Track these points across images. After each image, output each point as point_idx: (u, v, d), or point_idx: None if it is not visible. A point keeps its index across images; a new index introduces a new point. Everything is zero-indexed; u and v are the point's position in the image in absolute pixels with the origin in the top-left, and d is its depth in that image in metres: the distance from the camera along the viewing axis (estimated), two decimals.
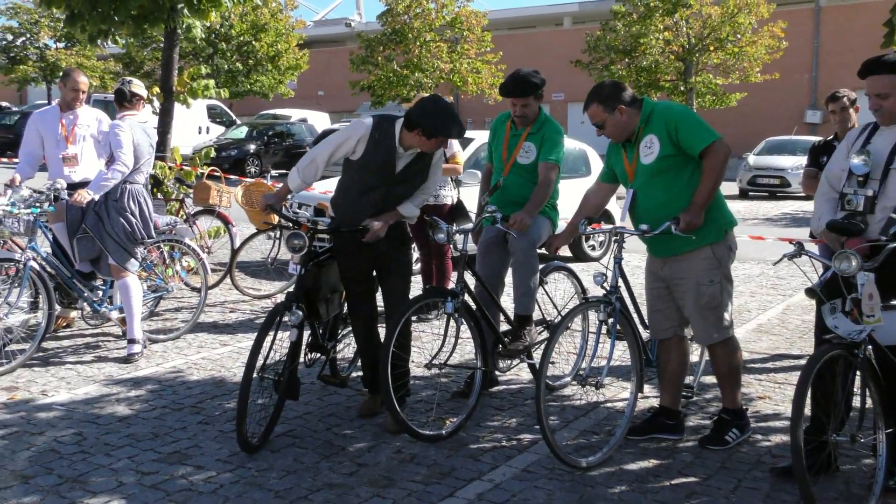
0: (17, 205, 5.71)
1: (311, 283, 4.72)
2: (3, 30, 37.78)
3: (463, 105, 39.01)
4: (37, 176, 6.54)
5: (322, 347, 4.96)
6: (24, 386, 5.45)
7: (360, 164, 4.75)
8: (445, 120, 4.60)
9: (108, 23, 8.95)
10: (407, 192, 4.82)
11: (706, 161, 4.37)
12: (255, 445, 4.45)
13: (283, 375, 4.58)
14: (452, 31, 29.36)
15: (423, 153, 4.75)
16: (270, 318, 4.57)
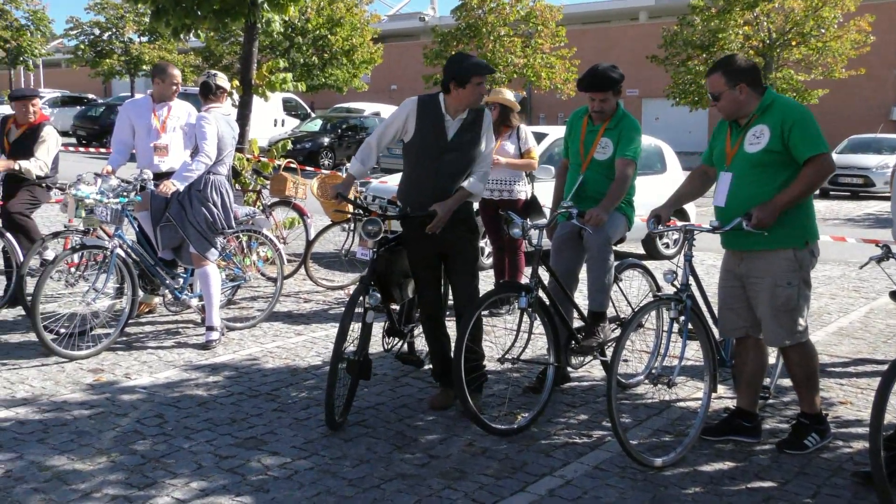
0: (106, 194, 5.91)
1: (382, 267, 4.88)
2: (91, 24, 38.97)
3: (535, 100, 38.85)
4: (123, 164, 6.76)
5: (399, 332, 5.15)
6: (108, 368, 5.63)
7: (414, 142, 4.92)
8: (465, 60, 4.85)
9: (191, 17, 9.16)
10: (464, 161, 4.90)
11: (806, 168, 4.23)
12: (339, 422, 4.67)
13: (357, 357, 4.74)
14: (526, 26, 29.24)
15: (472, 122, 4.88)
16: (351, 303, 4.72)
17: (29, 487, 3.84)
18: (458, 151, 4.89)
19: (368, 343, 4.81)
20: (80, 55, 40.60)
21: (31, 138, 6.95)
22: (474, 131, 4.92)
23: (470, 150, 4.93)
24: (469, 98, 4.85)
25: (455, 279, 5.04)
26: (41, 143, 6.92)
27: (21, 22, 43.88)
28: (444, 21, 36.96)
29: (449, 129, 4.87)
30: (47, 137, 6.98)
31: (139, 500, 3.77)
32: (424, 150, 4.91)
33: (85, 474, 4.00)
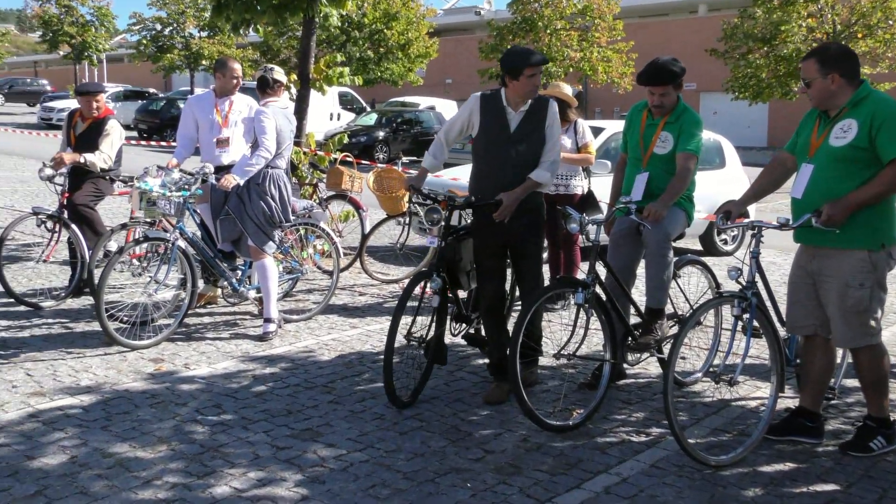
0: (169, 187, 6.01)
1: (451, 255, 5.06)
2: (153, 20, 39.70)
3: (592, 94, 38.52)
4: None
5: (466, 318, 5.30)
6: (168, 358, 5.73)
7: (479, 136, 5.11)
8: (517, 52, 5.01)
9: (250, 12, 9.26)
10: (528, 152, 5.00)
11: (888, 169, 4.10)
12: (405, 402, 4.90)
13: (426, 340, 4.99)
14: (583, 20, 28.99)
15: (534, 112, 5.00)
16: (410, 286, 4.93)
17: (93, 473, 3.93)
18: (521, 142, 5.01)
19: (444, 328, 5.05)
20: (142, 50, 41.40)
21: (96, 132, 7.11)
22: (537, 122, 5.03)
23: (534, 141, 5.02)
24: (524, 89, 4.95)
25: (519, 269, 5.16)
26: (105, 137, 7.07)
27: (86, 18, 44.99)
28: (500, 15, 36.82)
29: (511, 121, 5.01)
30: (111, 131, 7.13)
31: (198, 489, 3.83)
32: (489, 143, 5.07)
33: (146, 462, 4.08)
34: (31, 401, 4.83)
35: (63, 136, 7.42)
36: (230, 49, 38.98)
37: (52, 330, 6.27)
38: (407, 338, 5.03)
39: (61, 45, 45.82)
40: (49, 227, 7.04)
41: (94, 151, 6.98)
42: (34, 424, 4.49)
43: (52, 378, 5.23)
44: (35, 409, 4.70)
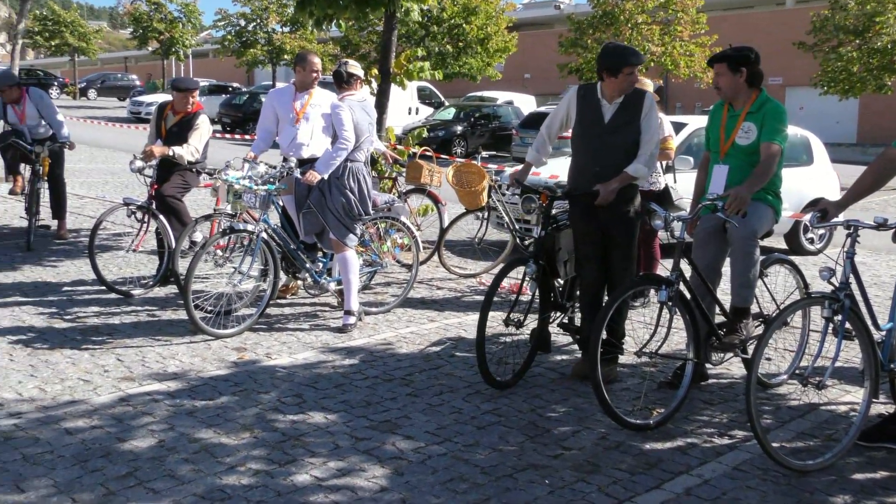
0: (255, 180, 6.14)
1: (549, 244, 5.22)
2: (238, 16, 40.53)
3: (672, 89, 37.85)
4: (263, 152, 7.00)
5: (561, 306, 5.40)
6: (251, 348, 5.85)
7: (576, 128, 5.27)
8: (617, 50, 5.11)
9: (333, 7, 9.37)
10: (622, 143, 5.10)
11: None
12: (502, 383, 5.10)
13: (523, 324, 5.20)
14: (665, 13, 28.48)
15: (629, 104, 5.10)
16: (502, 273, 5.09)
17: (180, 458, 4.04)
18: (616, 133, 5.12)
19: (548, 315, 5.24)
20: (227, 46, 42.29)
21: (187, 126, 7.30)
22: (632, 113, 5.12)
23: (628, 132, 5.12)
24: (621, 86, 5.11)
25: (612, 259, 5.23)
26: (195, 131, 7.26)
27: (174, 15, 46.22)
28: (580, 9, 36.41)
29: (606, 112, 5.15)
30: (201, 125, 7.32)
31: (280, 476, 3.89)
32: (584, 134, 5.22)
33: (230, 448, 4.17)
34: (122, 385, 4.99)
35: (152, 128, 7.62)
36: (311, 44, 39.52)
37: (141, 317, 6.46)
38: (505, 322, 5.20)
39: (150, 41, 47.17)
40: (139, 218, 7.25)
41: (183, 145, 7.16)
42: (124, 408, 4.63)
43: (141, 364, 5.39)
44: (125, 394, 4.85)
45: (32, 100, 9.01)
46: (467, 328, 6.51)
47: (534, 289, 5.19)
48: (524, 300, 5.36)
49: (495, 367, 5.21)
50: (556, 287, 5.38)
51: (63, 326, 6.14)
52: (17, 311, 6.48)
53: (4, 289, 7.14)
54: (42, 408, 4.59)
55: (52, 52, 55.75)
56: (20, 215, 10.08)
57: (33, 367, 5.25)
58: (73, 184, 12.12)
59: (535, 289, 5.19)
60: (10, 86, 8.96)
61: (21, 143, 8.86)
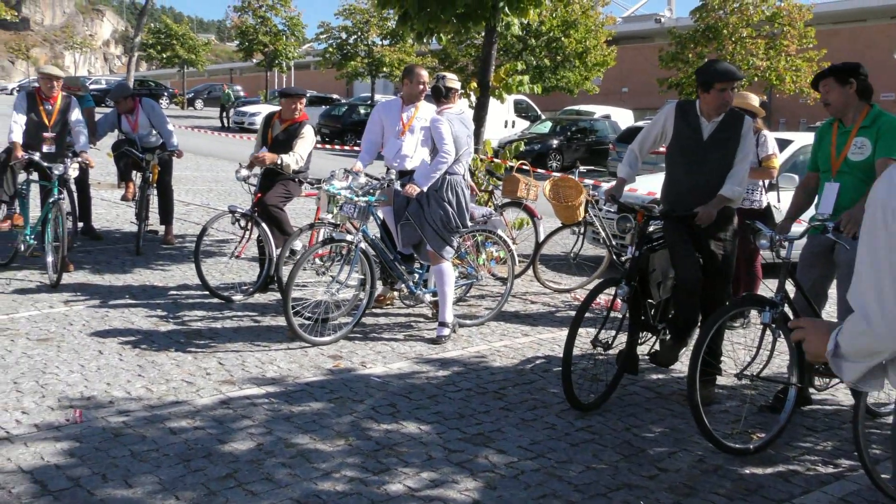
0: (356, 191, 6.25)
1: (643, 265, 5.13)
2: (339, 29, 41.40)
3: (776, 104, 36.82)
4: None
5: (653, 328, 5.30)
6: (346, 356, 5.94)
7: (672, 144, 5.22)
8: (711, 66, 5.09)
9: (434, 22, 9.46)
10: (719, 161, 5.03)
11: None
12: (586, 405, 4.98)
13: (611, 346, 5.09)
14: (771, 27, 27.74)
15: (728, 124, 5.04)
16: (594, 293, 5.05)
17: (277, 462, 4.13)
18: (713, 151, 5.05)
19: (636, 337, 5.14)
20: (328, 58, 43.21)
21: (293, 134, 7.47)
22: (730, 133, 5.03)
23: (725, 151, 5.04)
24: (713, 103, 5.01)
25: (710, 279, 5.09)
26: (301, 140, 7.42)
27: (279, 28, 47.51)
28: (682, 22, 35.86)
29: (704, 130, 5.08)
30: (306, 135, 7.49)
31: (374, 485, 3.94)
32: (682, 151, 5.16)
33: (325, 454, 4.24)
34: (223, 388, 5.14)
35: (259, 137, 7.82)
36: (410, 57, 40.04)
37: (242, 322, 6.64)
38: (593, 343, 5.11)
39: (255, 54, 48.59)
40: (242, 225, 7.45)
41: (289, 153, 7.34)
42: (225, 410, 4.77)
43: (241, 368, 5.54)
44: (226, 397, 4.99)
45: (144, 110, 9.39)
46: (561, 344, 6.42)
47: (625, 310, 5.11)
48: (614, 319, 5.28)
49: (581, 387, 5.12)
50: (648, 308, 5.28)
51: (169, 329, 6.36)
52: (126, 312, 6.75)
53: (115, 291, 7.45)
54: (148, 407, 4.77)
55: (164, 63, 57.96)
56: (130, 220, 10.50)
57: (141, 367, 5.45)
58: (179, 191, 12.55)
59: (627, 310, 5.12)
60: (125, 97, 9.36)
61: (133, 151, 9.24)
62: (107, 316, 6.61)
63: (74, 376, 5.21)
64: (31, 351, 5.66)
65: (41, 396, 4.84)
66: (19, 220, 7.91)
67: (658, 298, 5.24)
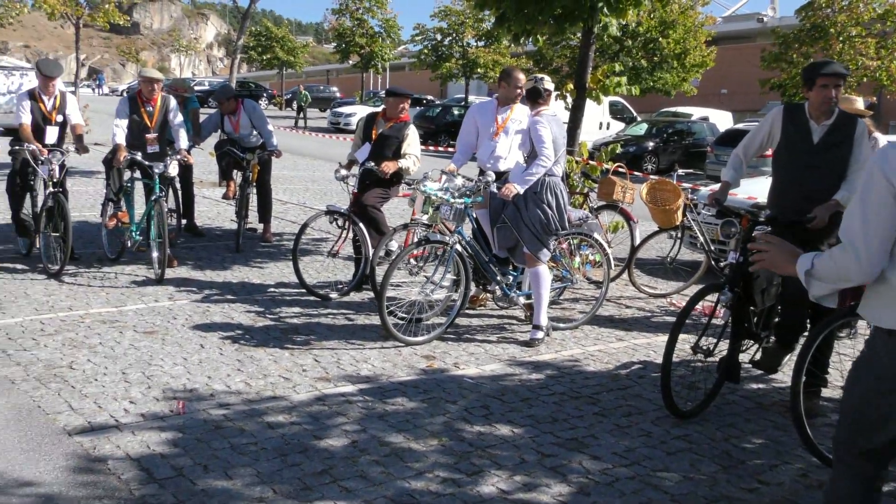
0: (452, 193, 6.27)
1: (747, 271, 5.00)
2: (434, 31, 41.69)
3: (886, 106, 35.37)
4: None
5: (755, 335, 5.19)
6: (439, 356, 5.96)
7: (780, 148, 5.14)
8: (816, 63, 5.00)
9: (531, 23, 9.42)
10: (830, 166, 4.93)
11: None
12: (684, 412, 4.91)
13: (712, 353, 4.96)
14: (883, 25, 26.64)
15: (838, 127, 4.93)
16: (695, 299, 4.90)
17: (371, 459, 4.17)
18: (824, 154, 4.93)
19: (739, 344, 5.03)
20: (423, 59, 43.56)
21: (398, 133, 7.55)
22: (841, 136, 4.91)
23: (837, 156, 4.92)
24: (815, 99, 4.93)
25: None
26: (410, 140, 7.54)
27: (375, 30, 48.17)
28: (785, 22, 34.81)
29: (814, 132, 4.97)
30: (414, 134, 7.61)
31: (467, 486, 3.94)
32: (790, 155, 5.05)
33: (418, 454, 4.27)
34: (318, 385, 5.22)
35: (359, 136, 7.86)
36: (505, 58, 40.02)
37: (337, 321, 6.74)
38: (693, 349, 4.99)
39: (352, 55, 49.35)
40: (339, 225, 7.56)
41: (406, 155, 7.45)
42: (321, 407, 4.84)
43: (336, 365, 5.62)
44: (321, 393, 5.07)
45: (246, 110, 9.63)
46: (657, 349, 6.35)
47: (727, 316, 4.99)
48: (715, 326, 5.15)
49: (678, 394, 5.02)
50: (751, 315, 5.13)
51: (266, 325, 6.50)
52: (226, 308, 6.93)
53: (216, 286, 7.66)
54: (247, 401, 4.88)
55: (264, 65, 59.42)
56: (231, 218, 10.79)
57: (240, 361, 5.59)
58: (277, 190, 12.84)
59: (729, 316, 4.99)
60: (228, 98, 9.62)
61: (234, 151, 9.49)
62: (208, 311, 6.81)
63: (178, 369, 5.38)
64: (137, 343, 5.87)
65: (147, 387, 5.01)
66: (125, 217, 8.23)
67: (762, 306, 5.09)
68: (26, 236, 8.44)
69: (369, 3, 47.63)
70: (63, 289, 7.27)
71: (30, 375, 5.12)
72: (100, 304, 6.86)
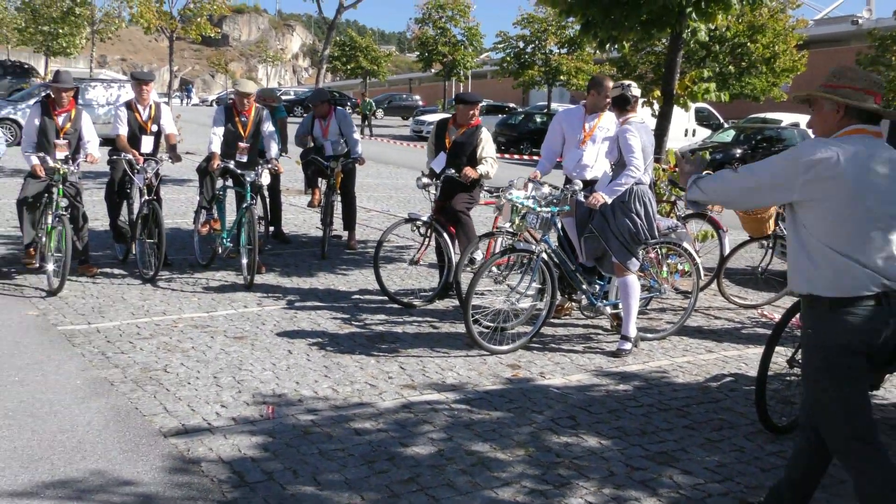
0: (539, 202, 6.23)
1: None
2: (517, 38, 41.59)
3: None
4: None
5: None
6: (524, 366, 5.92)
7: None
8: None
9: (618, 29, 9.31)
10: None
11: None
12: (780, 427, 4.78)
13: None
14: None
15: None
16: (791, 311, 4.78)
17: (458, 468, 4.16)
18: None
19: None
20: (505, 67, 43.51)
21: (472, 138, 7.56)
22: None
23: None
24: None
25: None
26: (484, 144, 7.55)
27: (457, 38, 48.38)
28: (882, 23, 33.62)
29: None
30: (487, 137, 7.63)
31: (554, 497, 3.90)
32: None
33: (505, 464, 4.24)
34: (404, 392, 5.24)
35: (433, 143, 7.88)
36: (588, 65, 39.67)
37: (422, 328, 6.76)
38: (790, 363, 4.84)
39: (434, 64, 49.66)
40: (422, 232, 7.60)
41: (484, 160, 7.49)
42: (407, 414, 4.86)
43: (422, 373, 5.64)
44: (407, 401, 5.09)
45: (337, 117, 9.80)
46: (748, 362, 6.19)
47: None
48: None
49: (772, 409, 4.85)
50: None
51: (352, 331, 6.57)
52: (313, 314, 7.03)
53: (303, 293, 7.78)
54: (334, 407, 4.93)
55: (348, 75, 60.31)
56: (316, 226, 10.95)
57: (327, 367, 5.65)
58: (361, 197, 12.98)
59: None
60: (322, 102, 9.82)
61: (319, 159, 9.64)
62: (295, 317, 6.92)
63: (267, 374, 5.47)
64: (228, 348, 6.00)
65: (237, 392, 5.11)
66: (217, 224, 8.44)
67: None
68: (123, 242, 8.72)
69: (452, 11, 47.87)
70: (157, 294, 7.49)
71: (127, 378, 5.28)
72: (192, 309, 7.04)
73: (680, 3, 8.61)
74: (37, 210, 7.67)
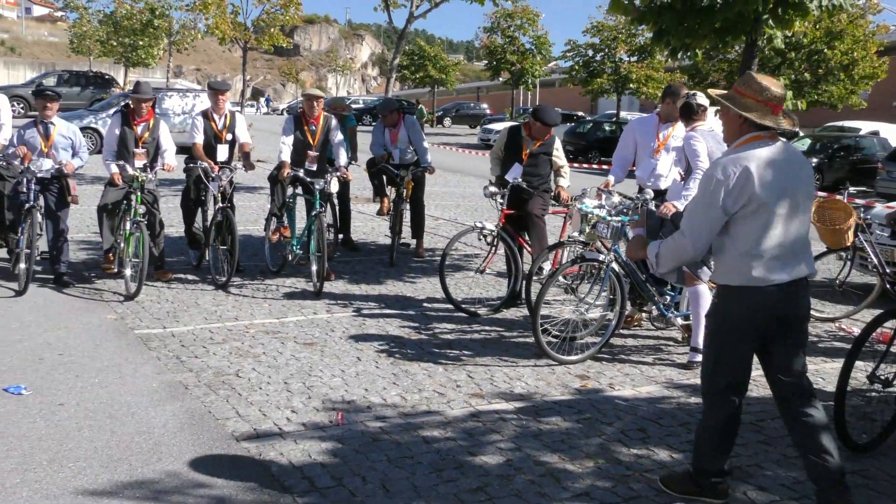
0: (609, 211, 6.18)
1: None
2: (586, 46, 41.35)
3: None
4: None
5: None
6: (594, 376, 5.86)
7: None
8: None
9: (691, 37, 9.17)
10: None
11: None
12: (859, 445, 4.62)
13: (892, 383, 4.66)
14: None
15: None
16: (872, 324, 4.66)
17: (526, 479, 4.13)
18: None
19: None
20: (574, 75, 43.29)
21: (547, 150, 7.59)
22: None
23: None
24: None
25: None
26: (560, 153, 7.59)
27: (526, 47, 48.31)
28: None
29: None
30: (559, 147, 7.63)
31: None
32: None
33: (574, 475, 4.20)
34: (472, 401, 5.24)
35: (501, 149, 7.85)
36: (658, 73, 39.19)
37: (489, 337, 6.75)
38: (870, 378, 4.70)
39: (502, 72, 49.65)
40: (488, 241, 7.60)
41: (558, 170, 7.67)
42: (475, 423, 4.85)
43: (490, 382, 5.62)
44: (475, 409, 5.08)
45: (406, 125, 9.87)
46: (824, 377, 6.02)
47: None
48: (894, 354, 4.81)
49: (851, 426, 4.70)
50: None
51: (420, 339, 6.59)
52: (381, 321, 7.08)
53: (371, 300, 7.84)
54: (403, 414, 4.95)
55: (417, 83, 60.67)
56: (385, 234, 11.03)
57: (395, 375, 5.68)
58: (429, 206, 13.04)
59: None
60: (391, 111, 9.89)
61: (388, 167, 9.71)
62: (364, 324, 6.97)
63: (336, 380, 5.53)
64: (298, 354, 6.08)
65: (307, 397, 5.17)
66: (287, 231, 8.57)
67: None
68: (197, 249, 8.91)
69: (521, 20, 47.81)
70: (229, 299, 7.63)
71: (201, 382, 5.39)
72: (263, 314, 7.15)
73: (756, 10, 8.43)
74: (116, 217, 7.89)
